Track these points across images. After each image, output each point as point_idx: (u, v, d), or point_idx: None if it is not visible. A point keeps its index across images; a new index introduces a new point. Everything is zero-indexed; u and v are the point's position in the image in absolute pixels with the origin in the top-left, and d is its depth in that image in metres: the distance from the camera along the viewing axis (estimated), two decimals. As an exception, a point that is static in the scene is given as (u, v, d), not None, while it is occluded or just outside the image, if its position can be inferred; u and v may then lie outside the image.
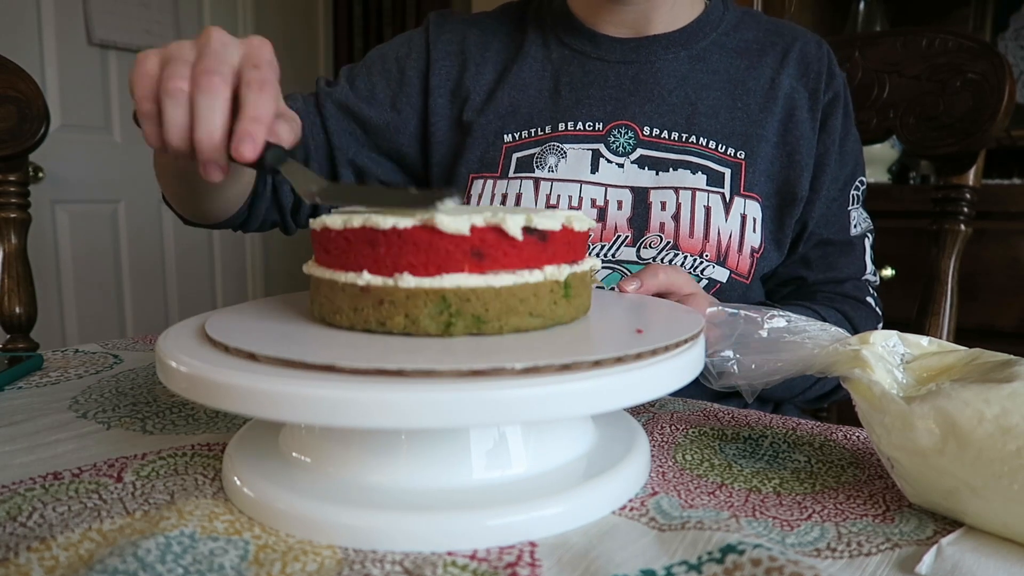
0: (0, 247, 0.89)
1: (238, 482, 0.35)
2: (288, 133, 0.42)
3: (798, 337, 0.43)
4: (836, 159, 0.71)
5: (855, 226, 0.74)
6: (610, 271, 0.68)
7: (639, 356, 0.33)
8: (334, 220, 0.37)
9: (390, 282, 0.35)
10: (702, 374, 0.45)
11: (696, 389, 0.52)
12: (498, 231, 0.35)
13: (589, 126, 0.71)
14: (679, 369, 0.34)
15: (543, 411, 0.30)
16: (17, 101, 0.87)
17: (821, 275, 0.74)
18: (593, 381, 0.31)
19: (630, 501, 0.37)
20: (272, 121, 0.40)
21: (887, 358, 0.39)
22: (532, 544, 0.32)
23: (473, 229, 0.35)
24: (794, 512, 0.36)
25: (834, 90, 0.71)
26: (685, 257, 0.66)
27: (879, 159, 1.62)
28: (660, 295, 0.52)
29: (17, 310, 0.90)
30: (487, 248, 0.35)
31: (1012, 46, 1.62)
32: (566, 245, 0.38)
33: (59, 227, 1.97)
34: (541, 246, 0.37)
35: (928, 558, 0.30)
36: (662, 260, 0.67)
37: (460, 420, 0.29)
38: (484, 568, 0.30)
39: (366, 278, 0.36)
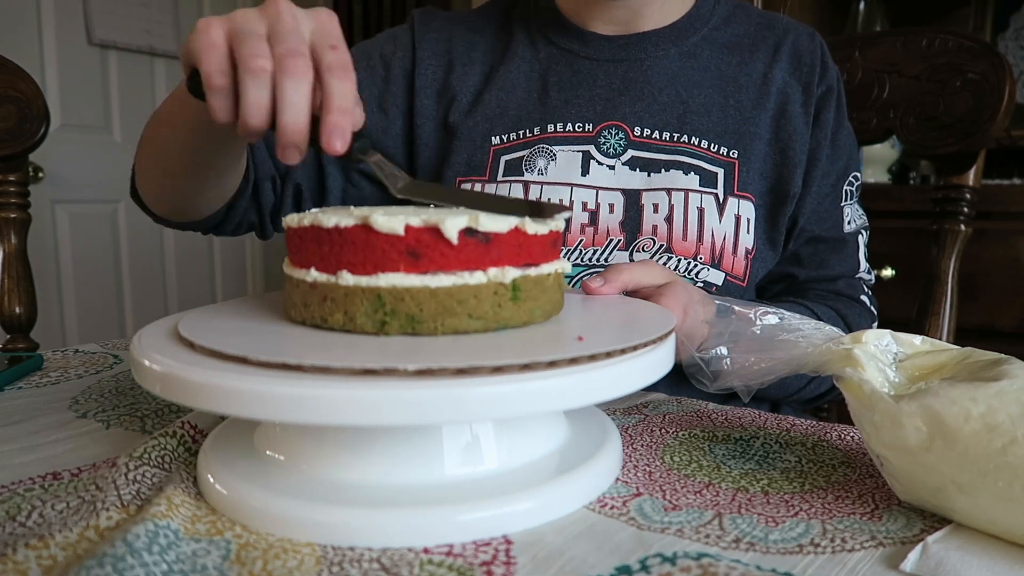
0: (0, 247, 0.90)
1: (211, 480, 0.36)
2: (361, 115, 0.42)
3: (792, 335, 0.43)
4: (828, 153, 0.70)
5: (848, 223, 0.73)
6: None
7: (551, 364, 0.32)
8: (291, 219, 0.38)
9: (332, 279, 0.36)
10: (696, 377, 0.45)
11: (694, 389, 0.52)
12: (435, 232, 0.35)
13: (579, 127, 0.69)
14: (580, 384, 0.32)
15: (435, 414, 0.30)
16: (17, 101, 0.87)
17: (813, 272, 0.73)
18: (491, 387, 0.30)
19: (611, 499, 0.37)
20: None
21: (880, 357, 0.39)
22: (508, 541, 0.32)
23: (408, 229, 0.35)
24: (780, 510, 0.36)
25: (827, 83, 0.71)
26: (679, 260, 0.65)
27: (879, 159, 1.62)
28: (634, 291, 0.51)
29: (17, 310, 0.90)
30: (423, 248, 0.35)
31: (1012, 46, 1.62)
32: (515, 247, 0.37)
33: (59, 227, 1.97)
34: (484, 248, 0.36)
35: (913, 555, 0.31)
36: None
37: (352, 418, 0.30)
38: (460, 564, 0.31)
39: (314, 275, 0.37)
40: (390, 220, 0.35)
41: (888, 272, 1.33)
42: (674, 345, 0.40)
